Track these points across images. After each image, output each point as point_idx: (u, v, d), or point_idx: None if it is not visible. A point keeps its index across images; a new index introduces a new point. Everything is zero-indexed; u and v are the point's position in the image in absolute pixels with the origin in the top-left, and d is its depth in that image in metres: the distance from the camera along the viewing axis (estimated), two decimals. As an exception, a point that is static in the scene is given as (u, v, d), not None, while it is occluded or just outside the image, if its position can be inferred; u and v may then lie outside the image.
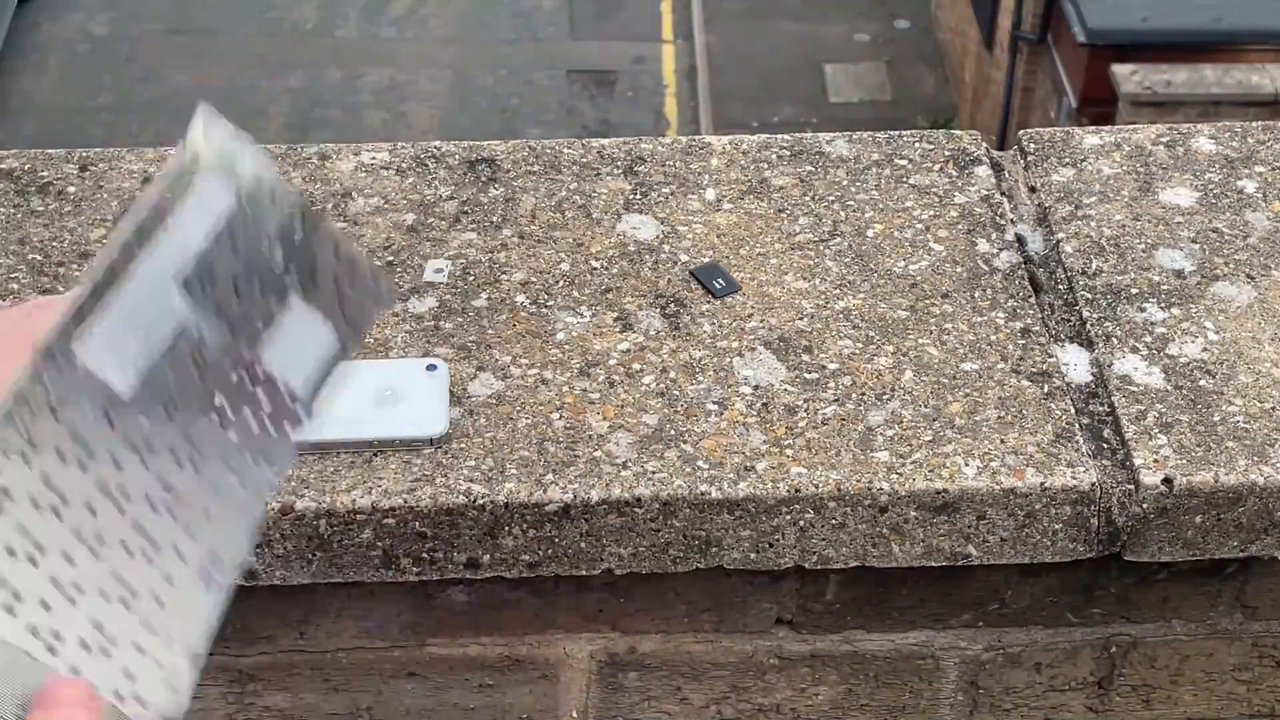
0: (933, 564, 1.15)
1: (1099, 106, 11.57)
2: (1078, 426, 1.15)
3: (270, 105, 15.70)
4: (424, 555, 1.11)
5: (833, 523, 1.11)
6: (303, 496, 1.08)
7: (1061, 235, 1.31)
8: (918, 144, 1.40)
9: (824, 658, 1.27)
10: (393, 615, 1.21)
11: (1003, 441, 1.14)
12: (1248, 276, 1.27)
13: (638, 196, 1.34)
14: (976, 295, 1.25)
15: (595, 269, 1.27)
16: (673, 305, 1.24)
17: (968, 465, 1.12)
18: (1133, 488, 1.12)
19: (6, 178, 1.34)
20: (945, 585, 1.22)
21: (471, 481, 1.10)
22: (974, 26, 14.98)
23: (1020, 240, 1.32)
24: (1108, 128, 1.44)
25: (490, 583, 1.16)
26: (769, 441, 1.13)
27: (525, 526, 1.10)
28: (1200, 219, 1.33)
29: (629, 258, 1.28)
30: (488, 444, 1.12)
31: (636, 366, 1.19)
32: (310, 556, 1.10)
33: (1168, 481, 1.11)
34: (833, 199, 1.34)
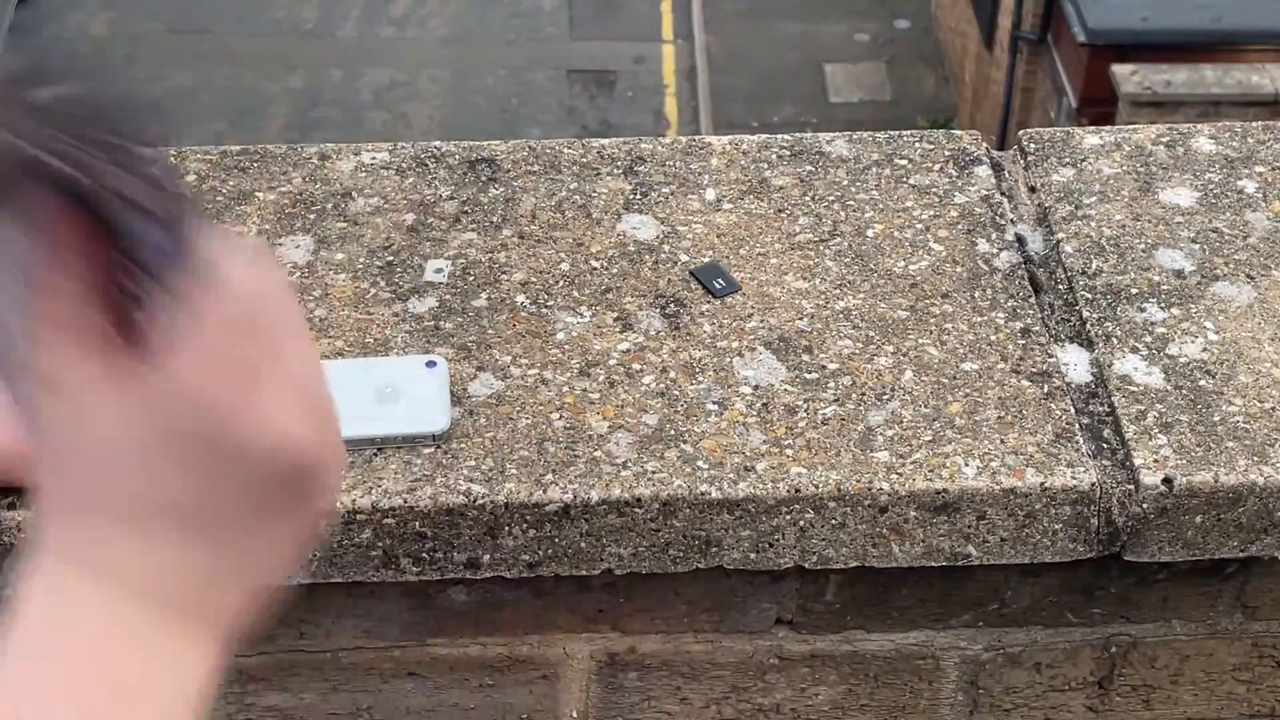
0: (933, 564, 1.15)
1: (1099, 106, 11.58)
2: (1078, 426, 1.15)
3: (270, 105, 15.70)
4: (424, 555, 1.11)
5: (833, 523, 1.11)
6: (303, 496, 1.08)
7: (1061, 235, 1.31)
8: (918, 144, 1.40)
9: (824, 658, 1.27)
10: (393, 615, 1.21)
11: (1003, 441, 1.14)
12: (1248, 276, 1.27)
13: (638, 196, 1.34)
14: (976, 295, 1.25)
15: (595, 269, 1.27)
16: (673, 305, 1.24)
17: (968, 465, 1.12)
18: (1133, 488, 1.12)
19: (6, 178, 1.33)
20: (945, 585, 1.22)
21: (471, 481, 1.10)
22: (974, 26, 14.99)
23: (1020, 240, 1.32)
24: (1108, 128, 1.44)
25: (490, 583, 1.16)
26: (769, 441, 1.13)
27: (525, 526, 1.10)
28: (1200, 219, 1.33)
29: (629, 258, 1.28)
30: (488, 444, 1.12)
31: (636, 366, 1.19)
32: (310, 556, 1.10)
33: (1168, 481, 1.11)
34: (833, 199, 1.34)
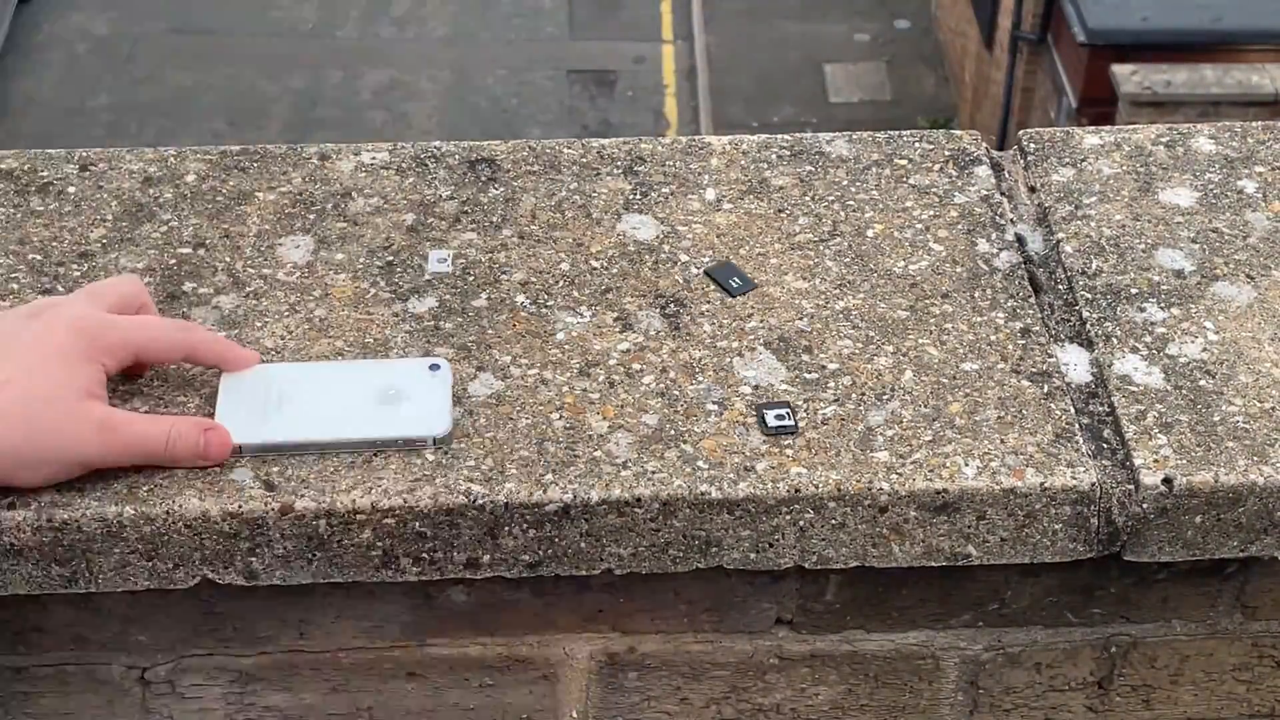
0: (933, 564, 1.15)
1: (1099, 106, 11.59)
2: (1078, 426, 1.15)
3: (270, 105, 15.70)
4: (424, 555, 1.11)
5: (833, 523, 1.11)
6: (302, 496, 1.08)
7: (1061, 235, 1.31)
8: (918, 144, 1.40)
9: (824, 658, 1.27)
10: (393, 615, 1.21)
11: (1003, 441, 1.14)
12: (1248, 276, 1.28)
13: (638, 196, 1.34)
14: (976, 295, 1.25)
15: (595, 269, 1.27)
16: (673, 305, 1.24)
17: (968, 465, 1.12)
18: (1133, 488, 1.12)
19: (6, 178, 1.34)
20: (945, 585, 1.22)
21: (471, 481, 1.10)
22: (974, 26, 14.99)
23: (1020, 240, 1.32)
24: (1108, 128, 1.44)
25: (490, 583, 1.16)
26: (769, 441, 1.13)
27: (525, 526, 1.10)
28: (1200, 219, 1.33)
29: (629, 258, 1.28)
30: (488, 444, 1.12)
31: (636, 366, 1.19)
32: (310, 556, 1.10)
33: (1168, 481, 1.11)
34: (833, 199, 1.34)
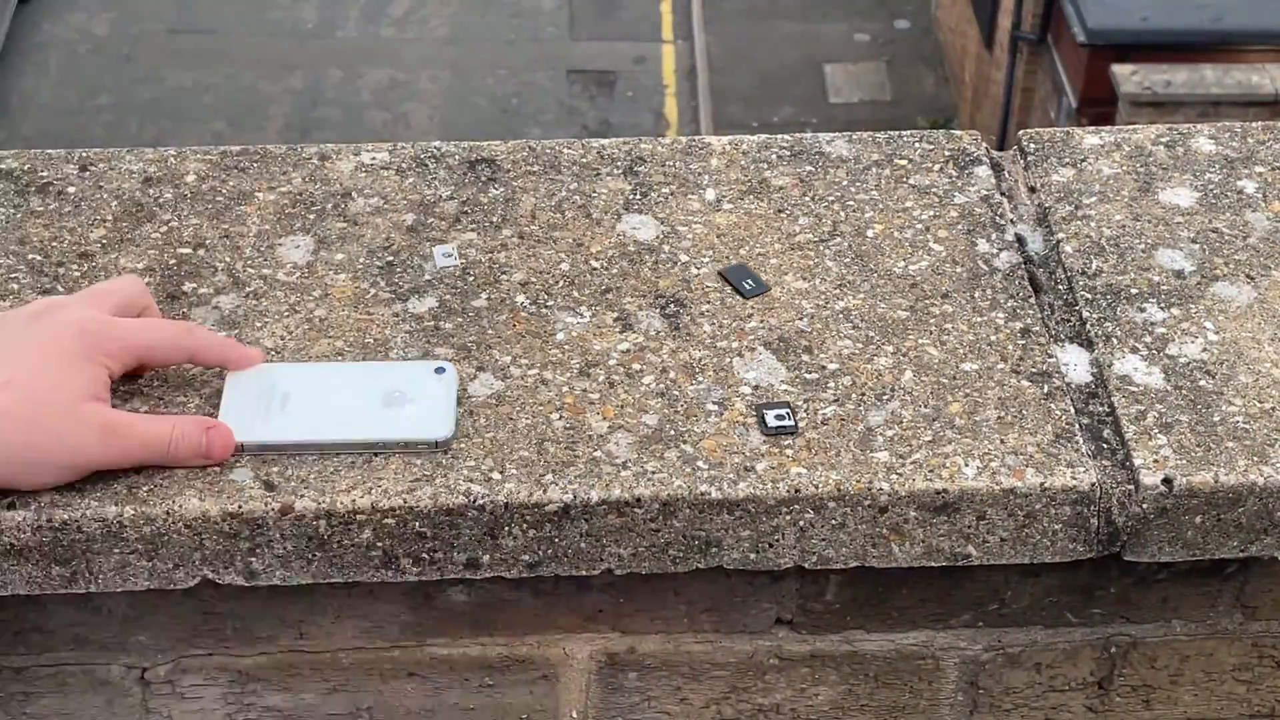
0: (933, 564, 1.15)
1: (1099, 106, 11.59)
2: (1078, 427, 1.15)
3: (270, 105, 15.70)
4: (424, 555, 1.11)
5: (833, 523, 1.11)
6: (302, 496, 1.08)
7: (1061, 235, 1.31)
8: (918, 144, 1.40)
9: (824, 658, 1.27)
10: (393, 615, 1.21)
11: (1003, 442, 1.14)
12: (1248, 276, 1.28)
13: (638, 196, 1.34)
14: (976, 295, 1.25)
15: (595, 269, 1.27)
16: (673, 305, 1.24)
17: (968, 465, 1.12)
18: (1133, 488, 1.12)
19: (6, 178, 1.34)
20: (945, 585, 1.22)
21: (471, 481, 1.10)
22: (974, 26, 14.99)
23: (1020, 240, 1.32)
24: (1108, 128, 1.44)
25: (490, 583, 1.16)
26: (769, 441, 1.13)
27: (525, 526, 1.10)
28: (1200, 219, 1.33)
29: (629, 258, 1.28)
30: (488, 444, 1.12)
31: (636, 366, 1.19)
32: (310, 556, 1.10)
33: (1168, 482, 1.11)
34: (833, 199, 1.34)
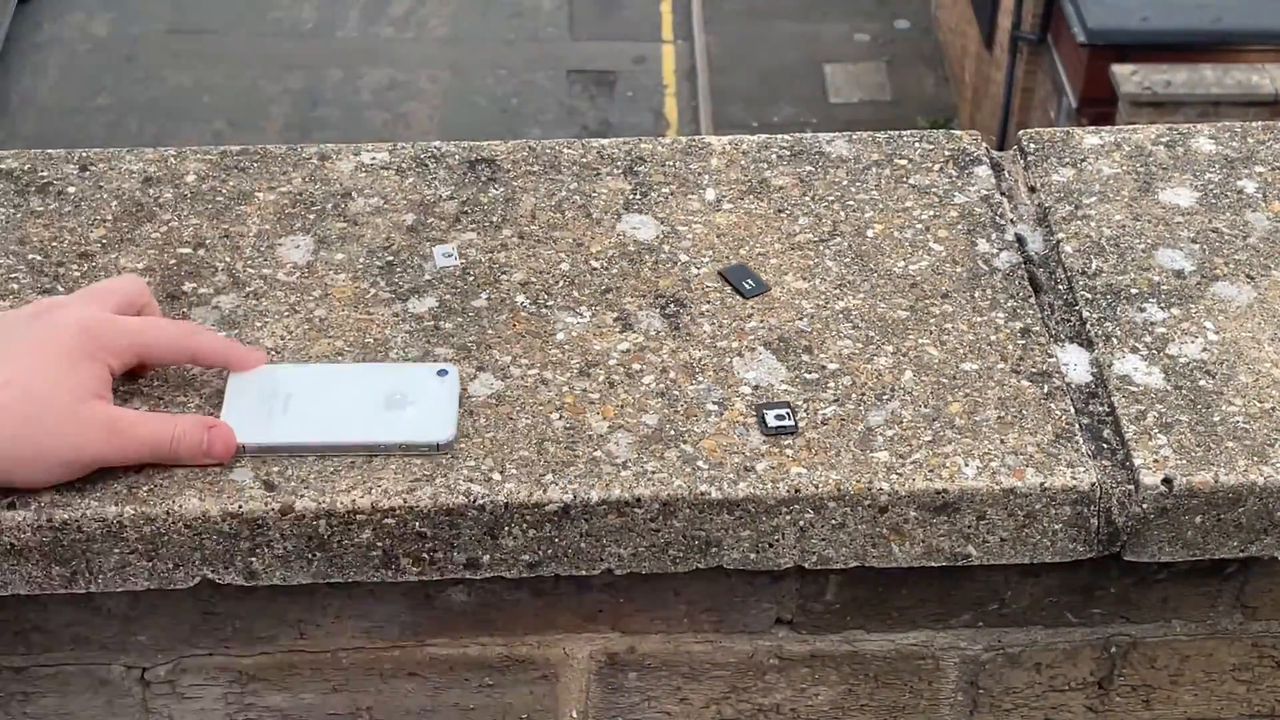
0: (933, 564, 1.15)
1: (1099, 106, 11.59)
2: (1078, 426, 1.15)
3: (270, 105, 15.70)
4: (424, 555, 1.11)
5: (833, 523, 1.11)
6: (302, 496, 1.08)
7: (1061, 235, 1.31)
8: (918, 144, 1.40)
9: (824, 658, 1.27)
10: (393, 615, 1.21)
11: (1003, 441, 1.14)
12: (1248, 276, 1.28)
13: (638, 196, 1.34)
14: (976, 295, 1.25)
15: (595, 269, 1.27)
16: (673, 305, 1.24)
17: (968, 465, 1.12)
18: (1133, 488, 1.12)
19: (6, 178, 1.34)
20: (945, 585, 1.22)
21: (471, 481, 1.10)
22: (974, 26, 14.99)
23: (1020, 240, 1.32)
24: (1108, 128, 1.44)
25: (490, 583, 1.16)
26: (769, 441, 1.13)
27: (525, 526, 1.10)
28: (1200, 219, 1.33)
29: (629, 258, 1.28)
30: (488, 444, 1.12)
31: (636, 366, 1.19)
32: (310, 556, 1.10)
33: (1168, 482, 1.11)
34: (833, 199, 1.34)
